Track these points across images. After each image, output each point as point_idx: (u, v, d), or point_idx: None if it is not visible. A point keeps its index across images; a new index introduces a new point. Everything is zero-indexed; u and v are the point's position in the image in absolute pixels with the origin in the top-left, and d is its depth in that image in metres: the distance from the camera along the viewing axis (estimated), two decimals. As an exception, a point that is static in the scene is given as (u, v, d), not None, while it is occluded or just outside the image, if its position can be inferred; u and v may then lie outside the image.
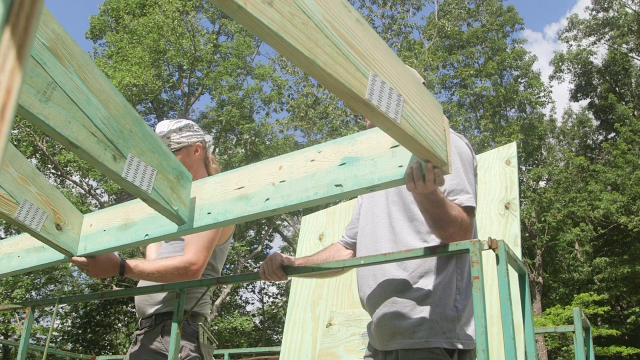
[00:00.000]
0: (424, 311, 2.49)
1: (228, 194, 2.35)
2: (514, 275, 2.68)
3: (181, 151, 3.15)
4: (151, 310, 3.10)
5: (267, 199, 2.20)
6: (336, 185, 2.03)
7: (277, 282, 32.18)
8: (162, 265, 2.97)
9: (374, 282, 2.63)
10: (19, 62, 0.48)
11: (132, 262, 2.98)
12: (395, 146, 1.95)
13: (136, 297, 3.21)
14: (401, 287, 2.54)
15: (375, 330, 2.62)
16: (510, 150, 4.13)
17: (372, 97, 1.50)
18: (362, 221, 2.83)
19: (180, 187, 2.34)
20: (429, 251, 2.26)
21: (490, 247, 2.13)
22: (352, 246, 2.94)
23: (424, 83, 2.37)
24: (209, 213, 2.37)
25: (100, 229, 2.80)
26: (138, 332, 3.14)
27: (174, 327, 2.74)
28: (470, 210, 2.44)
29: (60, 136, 1.88)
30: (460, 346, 2.44)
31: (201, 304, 3.14)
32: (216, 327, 25.53)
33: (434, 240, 2.49)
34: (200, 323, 3.11)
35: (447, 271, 2.53)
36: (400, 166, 1.92)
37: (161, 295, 3.10)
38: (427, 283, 2.52)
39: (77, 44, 1.97)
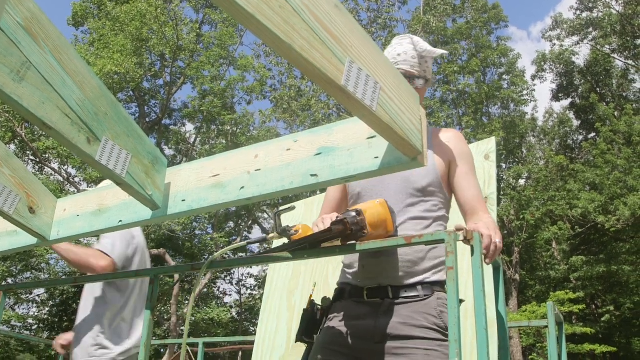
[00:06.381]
0: None
1: (203, 181, 2.33)
2: (488, 269, 2.69)
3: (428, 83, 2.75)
4: (414, 279, 2.50)
5: (242, 187, 2.18)
6: (312, 175, 2.01)
7: (255, 274, 32.14)
8: None
9: None
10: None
11: None
12: (372, 137, 1.93)
13: (385, 264, 2.55)
14: None
15: None
16: (489, 145, 4.13)
17: (348, 84, 1.49)
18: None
19: (155, 172, 2.32)
20: (404, 241, 2.25)
21: (465, 239, 2.12)
22: None
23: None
24: (183, 200, 2.35)
25: (74, 214, 2.76)
26: (389, 300, 2.49)
27: (147, 314, 2.72)
28: None
29: (34, 117, 1.85)
30: None
31: None
32: (193, 318, 25.43)
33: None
34: None
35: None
36: (376, 157, 1.90)
37: (423, 261, 2.55)
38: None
39: (53, 24, 1.94)
